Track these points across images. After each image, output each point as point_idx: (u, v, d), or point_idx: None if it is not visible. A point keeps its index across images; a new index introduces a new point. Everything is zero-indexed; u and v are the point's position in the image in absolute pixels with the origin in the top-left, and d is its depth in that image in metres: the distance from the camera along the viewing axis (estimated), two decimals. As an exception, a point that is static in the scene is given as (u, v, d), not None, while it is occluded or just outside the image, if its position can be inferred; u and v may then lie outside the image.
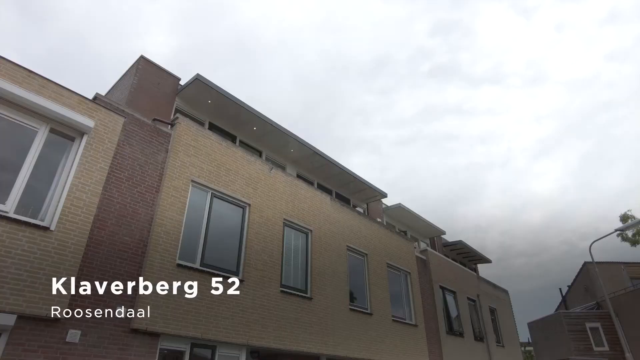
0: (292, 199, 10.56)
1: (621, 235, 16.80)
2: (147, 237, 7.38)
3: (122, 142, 7.64)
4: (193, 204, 8.30)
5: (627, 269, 28.79)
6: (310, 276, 10.23)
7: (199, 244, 8.08)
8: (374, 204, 17.13)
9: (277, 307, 8.94)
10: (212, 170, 8.84)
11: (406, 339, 12.71)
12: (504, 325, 20.55)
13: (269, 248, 9.34)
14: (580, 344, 24.67)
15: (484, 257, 23.38)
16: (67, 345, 5.91)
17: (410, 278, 14.25)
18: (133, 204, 7.44)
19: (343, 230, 11.98)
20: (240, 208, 9.19)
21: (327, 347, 9.73)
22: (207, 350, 7.62)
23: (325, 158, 13.30)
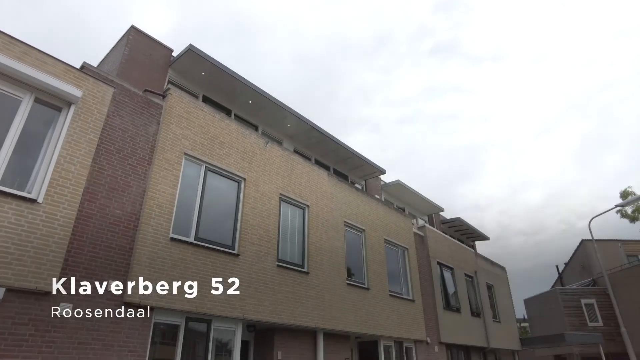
0: (288, 174, 10.37)
1: (621, 211, 16.73)
2: (139, 210, 7.22)
3: (111, 113, 7.40)
4: (186, 178, 8.12)
5: (624, 247, 28.96)
6: (307, 251, 10.14)
7: (193, 218, 7.94)
8: (372, 181, 16.97)
9: (273, 281, 8.88)
10: (206, 143, 8.62)
11: (403, 313, 12.75)
12: (500, 301, 20.71)
13: (265, 223, 9.20)
14: (574, 319, 25.01)
15: (482, 234, 23.40)
16: (58, 319, 5.81)
17: (408, 254, 14.22)
18: (124, 176, 7.25)
19: (340, 206, 11.85)
20: (236, 182, 9.01)
21: (324, 321, 9.72)
22: (202, 324, 7.57)
23: (323, 133, 13.05)
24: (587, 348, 23.21)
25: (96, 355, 6.04)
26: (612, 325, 24.48)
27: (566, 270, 33.49)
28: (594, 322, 24.78)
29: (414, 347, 13.13)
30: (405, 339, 12.67)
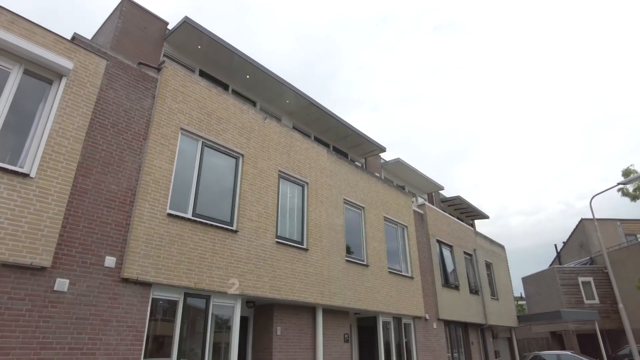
0: (287, 151, 10.22)
1: (622, 190, 16.65)
2: (135, 185, 7.10)
3: (105, 86, 7.20)
4: (183, 153, 7.97)
5: (622, 226, 29.08)
6: (307, 228, 10.08)
7: (190, 194, 7.83)
8: (372, 159, 16.81)
9: (272, 257, 8.84)
10: (203, 118, 8.44)
11: (402, 290, 12.81)
12: (499, 279, 20.87)
13: (263, 199, 9.10)
14: (571, 297, 25.29)
15: (482, 212, 23.39)
16: (55, 294, 5.77)
17: (407, 232, 14.20)
18: (119, 151, 7.11)
19: (340, 183, 11.74)
20: (233, 158, 8.86)
21: (323, 297, 9.74)
22: (201, 300, 7.56)
23: (322, 109, 12.82)
24: (582, 325, 23.55)
25: (94, 330, 6.03)
26: (608, 303, 24.81)
27: (564, 249, 33.71)
28: (590, 300, 25.07)
29: (412, 324, 13.25)
30: (404, 315, 12.76)
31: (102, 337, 6.09)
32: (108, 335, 6.16)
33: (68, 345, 5.74)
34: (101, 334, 6.09)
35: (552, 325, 25.04)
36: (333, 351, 10.10)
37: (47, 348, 5.55)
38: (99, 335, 6.06)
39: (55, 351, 5.61)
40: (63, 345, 5.70)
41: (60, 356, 5.64)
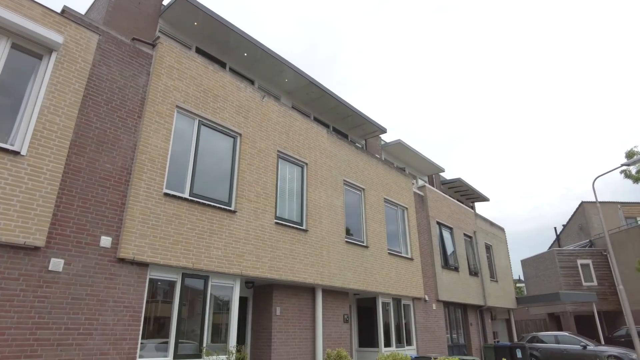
0: (286, 130, 10.02)
1: (624, 172, 16.48)
2: (130, 164, 6.95)
3: (97, 62, 6.98)
4: (179, 132, 7.79)
5: (623, 209, 29.02)
6: (306, 209, 9.97)
7: (187, 173, 7.67)
8: (373, 140, 16.60)
9: (271, 238, 8.74)
10: (199, 96, 8.22)
11: (402, 271, 12.78)
12: (498, 261, 20.90)
13: (262, 180, 8.96)
14: (570, 279, 25.41)
15: (482, 195, 23.29)
16: (50, 274, 5.67)
17: (408, 213, 14.10)
18: (114, 129, 6.92)
19: (340, 164, 11.58)
20: (231, 138, 8.68)
21: (322, 277, 9.69)
22: (199, 281, 7.49)
23: (322, 89, 12.55)
24: (580, 306, 23.72)
25: (91, 310, 5.95)
26: (606, 285, 24.95)
27: (564, 232, 33.75)
28: (588, 282, 25.19)
29: (412, 304, 13.28)
30: (404, 296, 12.77)
31: (99, 318, 6.03)
32: (105, 315, 6.09)
33: (64, 326, 5.68)
34: (98, 314, 6.02)
35: (550, 307, 25.22)
36: (332, 331, 10.10)
37: (43, 328, 5.48)
38: (95, 316, 6.00)
39: (52, 331, 5.55)
40: (59, 325, 5.63)
41: (57, 336, 5.58)
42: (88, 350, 5.82)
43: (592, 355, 15.58)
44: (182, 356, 6.86)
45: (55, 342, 5.54)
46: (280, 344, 8.81)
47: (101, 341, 5.97)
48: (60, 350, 5.57)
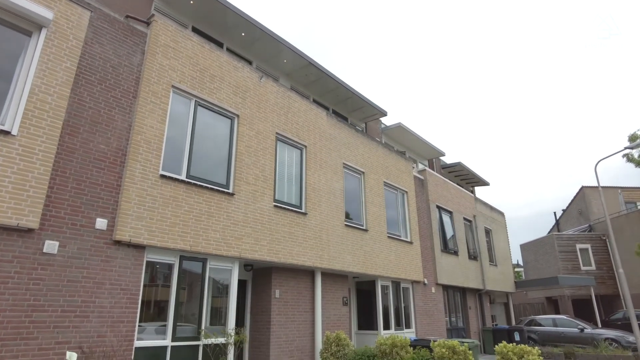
0: (284, 112, 9.84)
1: (627, 156, 16.34)
2: (125, 145, 6.80)
3: (90, 39, 6.77)
4: (175, 112, 7.62)
5: (623, 193, 28.97)
6: (305, 192, 9.86)
7: (183, 155, 7.53)
8: (373, 124, 16.40)
9: (270, 221, 8.66)
10: (195, 76, 8.03)
11: (401, 255, 12.76)
12: (497, 245, 20.92)
13: (260, 162, 8.82)
14: (568, 263, 25.51)
15: (482, 179, 23.18)
16: (44, 256, 5.59)
17: (407, 197, 14.01)
18: (108, 109, 6.76)
19: (339, 147, 11.43)
20: (228, 119, 8.51)
21: (321, 260, 9.64)
22: (197, 263, 7.42)
23: (321, 70, 12.31)
24: (577, 290, 23.86)
25: (87, 292, 5.89)
26: (604, 269, 25.06)
27: (563, 217, 33.79)
28: (587, 266, 25.30)
29: (411, 288, 13.29)
30: (403, 279, 12.77)
31: (96, 300, 5.97)
32: (102, 298, 6.03)
33: (60, 308, 5.61)
34: (94, 296, 5.96)
35: (548, 290, 25.37)
36: (332, 314, 10.11)
37: (39, 310, 5.42)
38: (92, 298, 5.94)
39: (48, 313, 5.49)
40: (55, 307, 5.57)
41: (53, 318, 5.52)
42: (85, 332, 5.77)
43: (589, 338, 15.68)
44: (181, 339, 6.84)
45: (51, 324, 5.49)
46: (279, 326, 8.80)
47: (98, 323, 5.92)
48: (57, 332, 5.52)
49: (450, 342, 7.29)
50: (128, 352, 6.08)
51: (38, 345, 5.34)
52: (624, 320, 20.15)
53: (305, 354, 9.21)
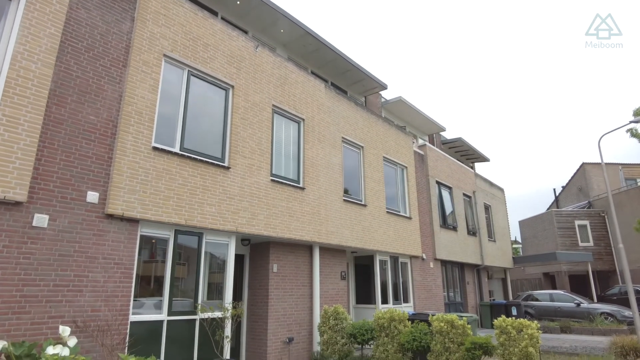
0: (281, 83, 9.54)
1: (631, 131, 16.10)
2: (116, 117, 6.57)
3: (75, 4, 6.43)
4: (167, 82, 7.34)
5: (623, 170, 28.83)
6: (303, 167, 9.67)
7: (177, 127, 7.30)
8: (373, 98, 16.05)
9: (267, 195, 8.50)
10: (188, 45, 7.71)
11: (400, 230, 12.68)
12: (497, 221, 20.90)
13: (257, 135, 8.60)
14: (566, 240, 25.61)
15: (483, 155, 22.96)
16: (34, 230, 5.44)
17: (407, 172, 13.84)
18: (97, 79, 6.49)
19: (338, 120, 11.17)
20: (223, 90, 8.24)
21: (320, 235, 9.55)
22: (193, 238, 7.30)
23: (319, 40, 11.90)
24: (575, 266, 24.02)
25: (80, 267, 5.77)
26: (602, 246, 25.17)
27: (563, 194, 33.74)
28: (585, 243, 25.41)
29: (409, 263, 13.28)
30: (401, 254, 12.73)
31: (89, 274, 5.86)
32: (95, 272, 5.92)
33: (52, 282, 5.51)
34: (87, 271, 5.85)
35: (546, 266, 25.55)
36: (330, 288, 10.09)
37: (30, 284, 5.31)
38: (85, 272, 5.83)
39: (39, 288, 5.38)
40: (47, 282, 5.46)
41: (45, 293, 5.42)
42: (79, 306, 5.69)
43: (586, 312, 15.83)
44: (177, 313, 6.78)
45: (43, 299, 5.39)
46: (277, 300, 8.77)
47: (92, 298, 5.83)
48: (49, 306, 5.43)
49: (449, 316, 7.25)
50: (123, 326, 6.02)
51: (30, 320, 5.25)
52: (620, 295, 20.35)
53: (303, 327, 9.23)
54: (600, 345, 10.61)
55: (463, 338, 6.98)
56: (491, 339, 6.70)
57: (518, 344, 6.20)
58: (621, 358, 9.18)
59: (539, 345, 6.19)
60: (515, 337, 6.26)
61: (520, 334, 6.24)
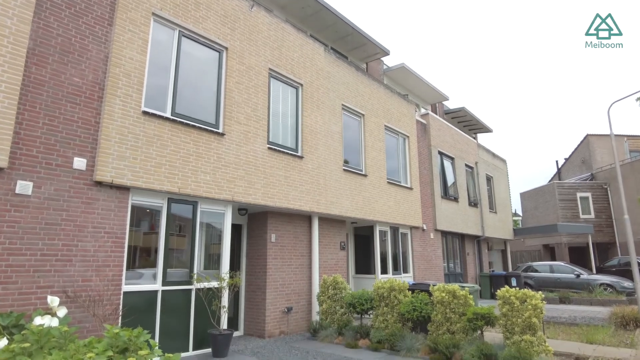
0: (278, 46, 9.07)
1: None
2: (103, 79, 6.19)
3: (53, -45, 5.93)
4: (157, 43, 6.92)
5: (629, 141, 28.41)
6: (301, 135, 9.33)
7: (168, 90, 6.93)
8: (374, 64, 15.50)
9: (264, 164, 8.21)
10: (178, 3, 7.22)
11: (400, 201, 12.46)
12: (498, 193, 20.70)
13: (252, 101, 8.22)
14: (567, 212, 25.51)
15: (485, 125, 22.49)
16: (18, 197, 5.18)
17: (409, 142, 13.49)
18: (80, 38, 6.07)
19: (338, 87, 10.73)
20: (216, 52, 7.80)
21: (319, 205, 9.31)
22: (187, 207, 7.06)
23: (319, 1, 11.30)
24: (575, 238, 24.00)
25: (68, 236, 5.55)
26: (603, 218, 25.09)
27: (565, 166, 33.43)
28: (586, 215, 25.31)
29: (409, 233, 13.13)
30: (401, 225, 12.56)
31: (78, 244, 5.64)
32: (84, 241, 5.70)
33: (40, 252, 5.29)
34: (76, 240, 5.63)
35: (546, 238, 25.55)
36: (329, 258, 9.95)
37: (16, 254, 5.09)
38: (74, 242, 5.60)
39: (26, 257, 5.17)
40: (34, 251, 5.24)
41: (32, 262, 5.21)
42: (69, 276, 5.49)
43: (585, 284, 15.83)
44: (172, 283, 6.62)
45: (31, 268, 5.19)
46: (275, 270, 8.63)
47: (82, 268, 5.63)
48: (37, 276, 5.24)
49: (451, 287, 7.10)
50: (116, 297, 5.85)
51: (18, 290, 5.06)
52: (619, 267, 20.39)
53: (302, 297, 9.13)
54: (599, 315, 10.58)
55: (465, 308, 6.84)
56: (494, 309, 6.55)
57: (521, 314, 6.04)
58: (621, 328, 9.15)
59: (542, 316, 6.04)
60: (518, 308, 6.11)
61: (523, 305, 6.08)
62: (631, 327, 9.12)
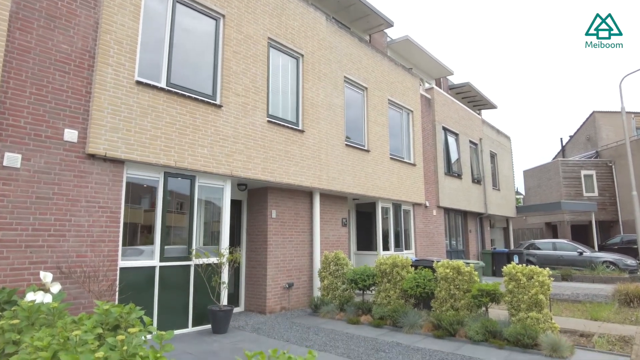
0: (278, 14, 8.67)
1: (651, 73, 15.17)
2: (93, 46, 5.88)
3: None
4: (150, 10, 6.56)
5: (636, 119, 27.91)
6: (302, 108, 9.03)
7: (162, 60, 6.61)
8: (377, 36, 14.99)
9: (264, 138, 7.95)
10: (171, -35, 6.81)
11: (403, 177, 12.23)
12: (502, 170, 20.44)
13: (251, 71, 7.89)
14: (571, 190, 25.26)
15: (490, 101, 22.03)
16: (5, 170, 4.96)
17: (413, 117, 13.16)
18: (67, 2, 5.73)
19: (340, 58, 10.34)
20: (213, 20, 7.43)
21: (320, 181, 9.09)
22: (184, 181, 6.85)
23: (320, -31, 10.82)
24: (577, 216, 23.84)
25: (61, 210, 5.35)
26: (607, 196, 24.85)
27: (570, 143, 33.01)
28: (589, 193, 25.06)
29: (412, 210, 12.95)
30: (404, 201, 12.37)
31: (72, 218, 5.46)
32: (78, 216, 5.51)
33: (32, 226, 5.11)
34: (69, 214, 5.44)
35: (548, 216, 25.41)
36: (330, 235, 9.80)
37: (6, 229, 4.91)
38: (67, 216, 5.42)
39: (17, 232, 4.99)
40: (25, 226, 5.06)
41: (24, 237, 5.04)
42: (62, 252, 5.33)
43: (588, 261, 15.74)
44: (170, 259, 6.47)
45: (22, 244, 5.02)
46: (276, 246, 8.49)
47: (76, 243, 5.46)
48: (30, 252, 5.07)
49: (455, 263, 6.94)
50: (112, 272, 5.71)
51: (10, 265, 4.91)
52: (621, 244, 20.29)
53: (303, 272, 9.02)
54: (601, 292, 10.49)
55: (469, 285, 6.70)
56: (499, 286, 6.41)
57: (528, 291, 5.89)
58: (625, 305, 9.05)
59: (549, 293, 5.89)
60: (525, 284, 5.95)
61: (530, 281, 5.92)
62: (635, 304, 9.02)
